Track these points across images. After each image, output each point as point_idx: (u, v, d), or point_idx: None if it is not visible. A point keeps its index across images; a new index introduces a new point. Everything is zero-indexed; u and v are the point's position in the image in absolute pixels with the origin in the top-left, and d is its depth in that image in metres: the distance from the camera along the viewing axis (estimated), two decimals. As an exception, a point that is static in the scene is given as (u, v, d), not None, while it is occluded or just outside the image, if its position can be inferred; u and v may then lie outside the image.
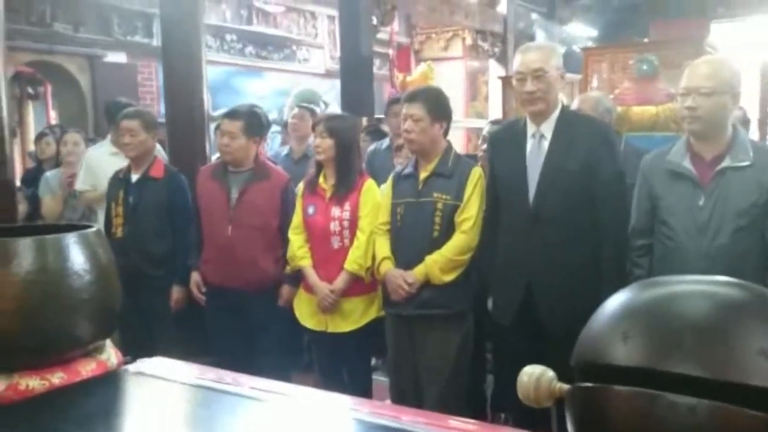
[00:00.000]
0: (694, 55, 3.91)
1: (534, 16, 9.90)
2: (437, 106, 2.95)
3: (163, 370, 1.81)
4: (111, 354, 1.82)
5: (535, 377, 0.97)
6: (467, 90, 10.27)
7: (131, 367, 1.78)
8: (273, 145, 6.68)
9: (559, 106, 2.69)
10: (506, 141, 2.79)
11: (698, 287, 0.95)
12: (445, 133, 3.01)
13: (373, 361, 3.81)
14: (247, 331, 3.50)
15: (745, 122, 5.10)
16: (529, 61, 2.63)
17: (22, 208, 4.24)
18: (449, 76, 9.72)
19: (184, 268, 3.55)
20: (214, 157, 4.34)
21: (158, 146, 4.04)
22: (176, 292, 3.57)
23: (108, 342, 1.86)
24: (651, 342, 0.85)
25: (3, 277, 1.59)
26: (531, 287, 2.63)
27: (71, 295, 1.66)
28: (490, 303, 2.87)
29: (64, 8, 6.21)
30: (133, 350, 1.95)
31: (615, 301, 0.99)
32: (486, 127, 3.83)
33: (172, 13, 4.28)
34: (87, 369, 1.72)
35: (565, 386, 0.93)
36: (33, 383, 1.61)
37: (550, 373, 0.98)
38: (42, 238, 1.65)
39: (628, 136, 3.81)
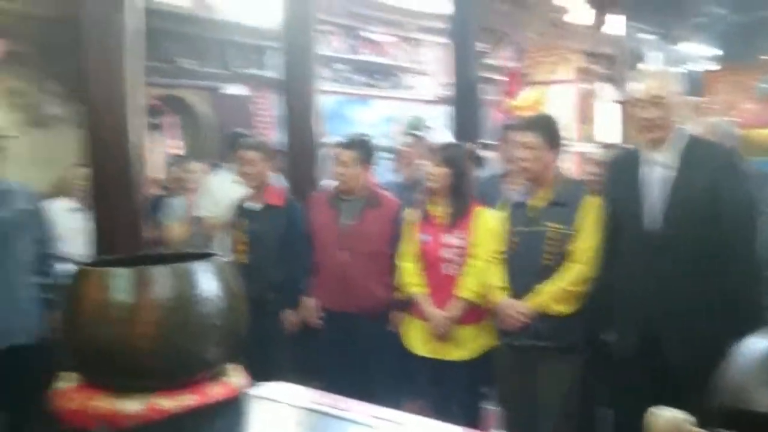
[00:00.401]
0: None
1: (647, 36, 9.60)
2: (551, 133, 2.93)
3: (283, 394, 1.87)
4: (237, 377, 1.90)
5: (671, 422, 0.94)
6: (578, 113, 10.08)
7: (253, 391, 1.86)
8: (381, 171, 6.77)
9: (681, 132, 2.60)
10: (623, 168, 2.72)
11: None
12: (558, 160, 2.97)
13: (483, 390, 3.76)
14: (358, 355, 3.56)
15: None
16: (646, 88, 2.57)
17: (148, 233, 4.49)
18: (559, 100, 9.58)
19: (299, 293, 3.65)
20: (325, 182, 4.45)
21: (279, 175, 4.20)
22: (291, 316, 3.67)
23: (234, 366, 1.94)
24: (802, 390, 0.81)
25: (143, 303, 1.69)
26: (653, 320, 2.54)
27: (203, 320, 1.75)
28: (608, 335, 2.79)
29: (188, 46, 6.59)
30: (250, 372, 2.03)
31: (758, 345, 0.95)
32: (593, 151, 3.74)
33: (290, 45, 4.47)
34: (215, 392, 1.80)
35: (703, 432, 0.90)
36: (168, 404, 1.69)
37: (688, 418, 0.95)
38: (178, 266, 1.76)
39: (753, 160, 3.63)
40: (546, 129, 2.92)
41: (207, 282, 1.77)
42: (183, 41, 6.51)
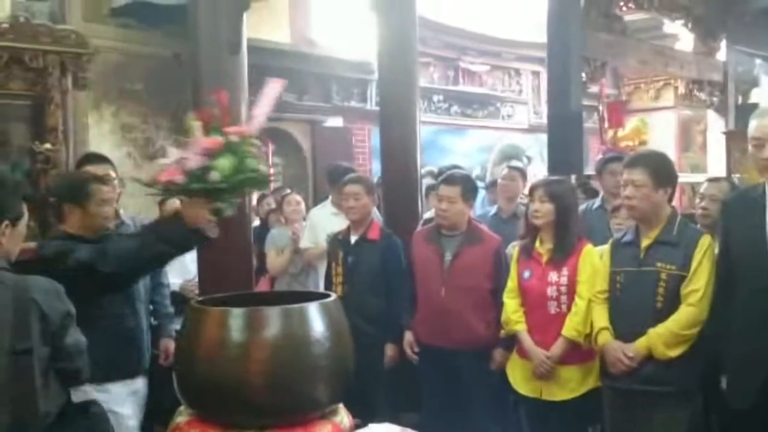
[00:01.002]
0: None
1: (757, 61, 9.18)
2: (661, 171, 2.83)
3: (389, 436, 1.87)
4: (344, 417, 1.93)
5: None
6: (679, 141, 9.72)
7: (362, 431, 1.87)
8: (478, 203, 6.74)
9: None
10: (742, 209, 2.60)
11: None
12: (670, 198, 2.87)
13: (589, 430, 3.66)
14: (457, 391, 3.53)
15: None
16: (760, 126, 2.46)
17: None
18: (660, 127, 9.27)
19: (398, 327, 3.66)
20: (426, 214, 4.46)
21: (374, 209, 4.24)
22: (390, 350, 3.68)
23: (341, 405, 1.97)
24: None
25: (255, 343, 1.75)
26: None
27: (312, 360, 1.79)
28: (723, 382, 2.65)
29: (291, 80, 6.81)
30: (348, 405, 2.04)
31: None
32: (704, 185, 3.58)
33: (389, 78, 4.54)
34: (323, 431, 1.84)
35: None
36: (278, 442, 1.74)
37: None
38: (288, 308, 1.81)
39: None
40: (654, 166, 2.82)
41: (316, 322, 1.81)
42: (285, 76, 6.74)
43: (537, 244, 3.24)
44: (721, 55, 8.03)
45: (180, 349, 1.98)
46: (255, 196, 5.73)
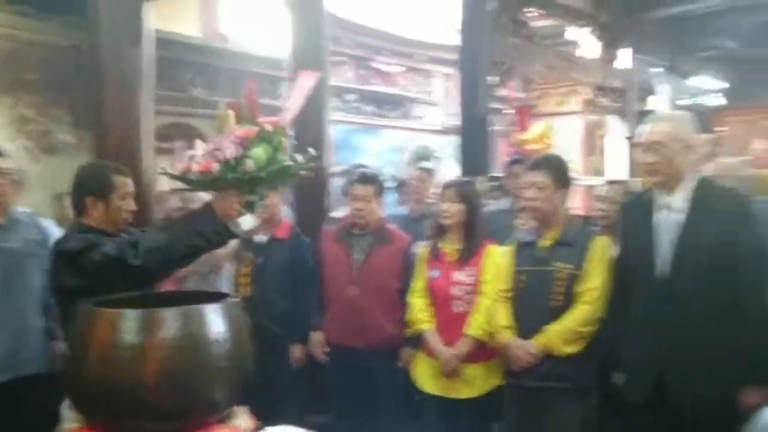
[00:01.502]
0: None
1: (655, 70, 9.63)
2: (561, 173, 2.92)
3: (290, 438, 1.84)
4: (244, 420, 1.88)
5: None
6: (584, 145, 10.07)
7: (268, 434, 1.83)
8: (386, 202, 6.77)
9: (694, 176, 2.59)
10: (635, 212, 2.71)
11: None
12: (565, 200, 2.97)
13: (492, 427, 3.73)
14: (366, 390, 3.53)
15: None
16: (648, 132, 2.59)
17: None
18: (566, 131, 9.57)
19: (305, 327, 3.63)
20: (335, 215, 4.43)
21: (286, 207, 4.19)
22: (297, 351, 3.64)
23: (241, 408, 1.92)
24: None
25: (150, 345, 1.69)
26: (663, 367, 2.51)
27: (211, 362, 1.74)
28: (617, 377, 2.76)
29: (201, 75, 6.65)
30: (255, 408, 2.00)
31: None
32: (603, 188, 3.72)
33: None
34: (222, 435, 1.79)
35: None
36: (174, 448, 1.68)
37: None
38: (186, 309, 1.75)
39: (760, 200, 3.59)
40: (556, 169, 2.91)
41: (216, 324, 1.76)
42: (195, 70, 6.57)
43: (444, 243, 3.28)
44: (624, 62, 8.38)
45: (72, 352, 1.89)
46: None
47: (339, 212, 4.37)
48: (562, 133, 9.24)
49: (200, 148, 2.11)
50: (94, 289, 1.99)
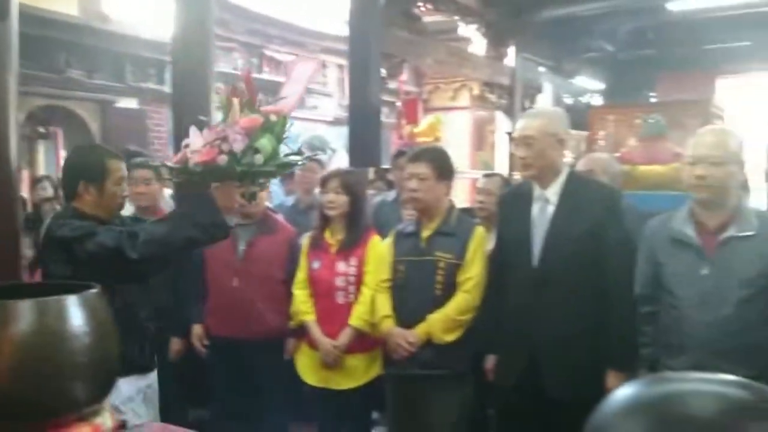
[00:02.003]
0: (701, 114, 3.93)
1: (541, 68, 10.00)
2: (442, 165, 2.97)
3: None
4: (107, 418, 1.80)
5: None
6: (473, 140, 10.33)
7: (127, 432, 1.76)
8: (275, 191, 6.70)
9: (566, 170, 2.69)
10: (513, 203, 2.79)
11: (705, 387, 0.93)
12: (448, 192, 3.02)
13: (374, 415, 3.76)
14: (249, 383, 3.46)
15: (745, 188, 5.09)
16: (521, 128, 2.67)
17: (28, 253, 4.24)
18: (456, 126, 9.81)
19: (184, 320, 3.53)
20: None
21: (167, 195, 4.05)
22: (175, 344, 3.53)
23: (105, 405, 1.83)
24: (654, 444, 0.83)
25: (2, 339, 1.58)
26: (534, 352, 2.60)
27: (69, 357, 1.65)
28: (488, 361, 2.84)
29: (79, 56, 6.32)
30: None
31: (622, 396, 0.96)
32: (480, 180, 3.81)
33: (183, 61, 4.33)
34: (82, 433, 1.70)
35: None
36: (28, 448, 1.58)
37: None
38: (43, 301, 1.65)
39: (627, 195, 3.78)
40: (437, 160, 2.96)
41: (75, 317, 1.67)
42: (71, 51, 6.24)
43: (327, 234, 3.27)
44: (510, 60, 8.64)
45: None
46: (28, 181, 5.25)
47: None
48: (453, 128, 9.47)
49: (196, 137, 2.01)
50: (82, 279, 1.86)
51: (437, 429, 2.93)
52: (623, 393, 0.97)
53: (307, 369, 3.27)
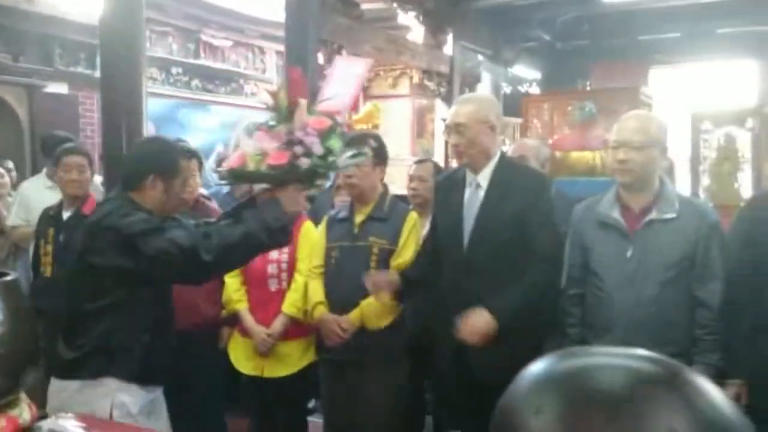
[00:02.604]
0: (630, 102, 4.03)
1: (479, 57, 10.07)
2: (378, 151, 2.96)
3: (79, 429, 1.73)
4: (24, 409, 1.74)
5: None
6: (414, 127, 10.36)
7: (45, 424, 1.70)
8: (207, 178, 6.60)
9: (497, 155, 2.71)
10: (447, 189, 2.80)
11: (614, 361, 0.94)
12: (382, 177, 3.02)
13: (311, 403, 3.75)
14: (184, 373, 3.40)
15: (671, 172, 5.26)
16: (453, 115, 2.68)
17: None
18: (397, 114, 9.80)
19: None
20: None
21: (98, 182, 3.94)
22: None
23: (22, 396, 1.77)
24: (561, 418, 0.84)
25: None
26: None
27: (-19, 347, 1.58)
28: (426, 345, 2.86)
29: (3, 38, 6.07)
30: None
31: (532, 371, 0.97)
32: (413, 167, 3.81)
33: (112, 44, 4.20)
34: (-4, 426, 1.64)
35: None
36: (-66, 443, 1.52)
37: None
38: (-48, 288, 1.58)
39: (558, 181, 3.85)
40: (372, 146, 2.94)
41: (-13, 305, 1.60)
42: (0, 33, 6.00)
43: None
44: (449, 48, 8.68)
45: None
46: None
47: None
48: (393, 115, 9.47)
49: (257, 139, 1.99)
50: (144, 274, 1.88)
51: (373, 414, 2.94)
52: (533, 369, 0.98)
53: (241, 358, 3.24)
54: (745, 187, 4.76)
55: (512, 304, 2.48)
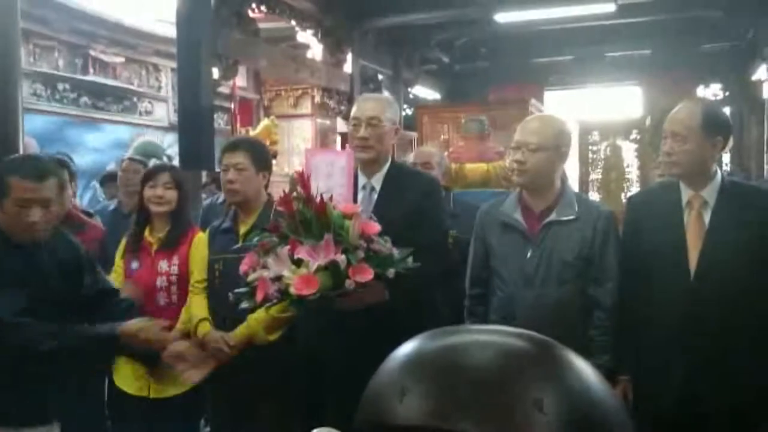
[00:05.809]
0: (520, 116, 4.11)
1: (380, 77, 10.16)
2: (260, 156, 2.87)
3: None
4: None
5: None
6: (317, 147, 10.32)
7: None
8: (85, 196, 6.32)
9: (389, 159, 2.70)
10: None
11: (481, 337, 0.91)
12: (267, 185, 2.93)
13: (202, 425, 3.58)
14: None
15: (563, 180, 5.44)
16: (365, 108, 2.67)
17: None
18: (299, 133, 9.74)
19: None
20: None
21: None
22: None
23: None
24: (427, 397, 0.79)
25: None
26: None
27: None
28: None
29: None
30: None
31: (399, 353, 0.92)
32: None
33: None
34: None
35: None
36: None
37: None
38: None
39: (458, 192, 3.91)
40: (255, 150, 2.86)
41: None
42: None
43: (147, 232, 3.07)
44: (349, 67, 8.71)
45: None
46: None
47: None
48: (297, 135, 9.40)
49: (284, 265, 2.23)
50: None
51: (268, 427, 2.81)
52: (405, 347, 0.93)
53: (127, 378, 3.04)
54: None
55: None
